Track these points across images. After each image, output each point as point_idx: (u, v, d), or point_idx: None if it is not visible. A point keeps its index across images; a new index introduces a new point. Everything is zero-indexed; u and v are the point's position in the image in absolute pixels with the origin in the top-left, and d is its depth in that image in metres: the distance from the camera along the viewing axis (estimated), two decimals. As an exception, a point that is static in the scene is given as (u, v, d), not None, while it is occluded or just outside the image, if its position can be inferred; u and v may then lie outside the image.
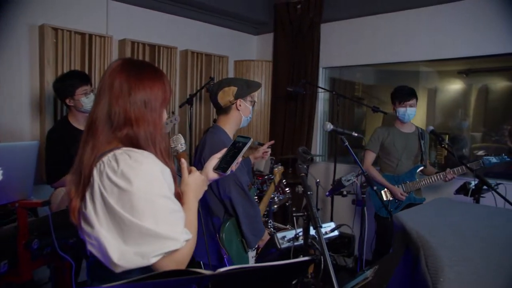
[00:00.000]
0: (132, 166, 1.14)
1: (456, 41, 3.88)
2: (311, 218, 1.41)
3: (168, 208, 1.17)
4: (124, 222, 1.11)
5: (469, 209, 1.89)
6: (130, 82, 1.23)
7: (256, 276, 1.12)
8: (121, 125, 1.22)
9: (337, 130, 2.76)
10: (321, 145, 5.13)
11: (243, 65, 5.22)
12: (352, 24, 4.64)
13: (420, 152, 3.49)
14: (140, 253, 1.10)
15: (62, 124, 2.91)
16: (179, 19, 4.62)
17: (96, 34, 3.72)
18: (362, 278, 1.42)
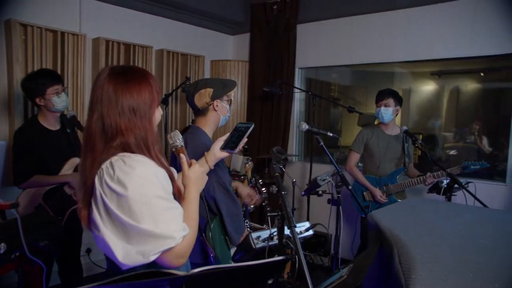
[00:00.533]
0: (126, 172, 1.21)
1: (429, 44, 3.96)
2: (285, 218, 1.41)
3: (164, 207, 1.23)
4: (124, 225, 1.19)
5: (441, 208, 1.92)
6: (116, 92, 1.27)
7: (231, 276, 1.11)
8: (114, 136, 1.27)
9: (312, 130, 2.77)
10: (297, 145, 5.15)
11: (219, 65, 5.19)
12: (328, 25, 4.68)
13: (403, 154, 3.51)
14: (141, 252, 1.18)
15: (31, 124, 2.82)
16: (155, 18, 4.56)
17: (69, 32, 3.64)
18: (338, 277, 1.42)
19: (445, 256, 1.16)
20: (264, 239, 2.31)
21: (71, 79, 3.70)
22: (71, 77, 3.69)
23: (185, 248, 1.27)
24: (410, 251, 1.18)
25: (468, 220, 1.63)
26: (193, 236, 1.32)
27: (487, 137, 4.75)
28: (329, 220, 3.40)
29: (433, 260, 1.12)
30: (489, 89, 5.17)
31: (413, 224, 1.53)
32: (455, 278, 1.01)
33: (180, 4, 4.53)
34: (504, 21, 3.54)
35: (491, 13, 3.60)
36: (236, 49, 5.57)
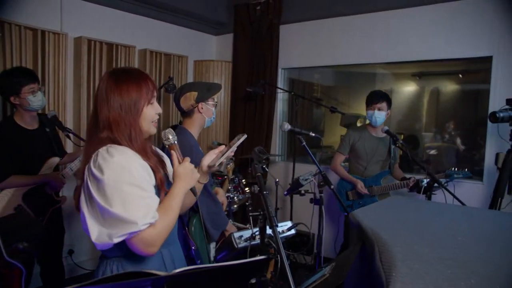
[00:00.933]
0: (105, 159, 1.35)
1: (409, 45, 4.03)
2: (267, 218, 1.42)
3: (135, 194, 1.33)
4: (100, 207, 1.32)
5: (421, 206, 1.96)
6: (107, 90, 1.45)
7: (213, 276, 1.11)
8: (103, 129, 1.44)
9: (295, 130, 2.79)
10: (280, 145, 5.17)
11: (202, 65, 5.18)
12: (311, 26, 4.71)
13: (389, 157, 3.55)
14: (109, 234, 1.30)
15: (7, 123, 2.79)
16: (138, 17, 4.52)
17: (50, 31, 3.58)
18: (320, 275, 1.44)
19: (425, 253, 1.18)
20: (246, 238, 2.32)
21: (52, 79, 3.65)
22: (52, 77, 3.64)
23: (153, 237, 1.34)
24: (391, 249, 1.20)
25: (446, 218, 1.67)
26: (165, 227, 1.39)
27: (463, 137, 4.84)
28: (312, 219, 3.43)
29: (413, 258, 1.14)
30: (467, 90, 5.27)
31: (394, 223, 1.56)
32: (434, 275, 1.03)
33: (164, 4, 4.50)
34: (481, 24, 3.63)
35: (469, 16, 3.69)
36: (220, 50, 5.56)
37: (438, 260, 1.12)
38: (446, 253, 1.19)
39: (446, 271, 1.05)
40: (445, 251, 1.20)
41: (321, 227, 2.96)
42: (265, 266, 2.09)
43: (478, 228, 1.51)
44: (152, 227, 1.34)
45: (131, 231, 1.30)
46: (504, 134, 3.13)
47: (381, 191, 3.48)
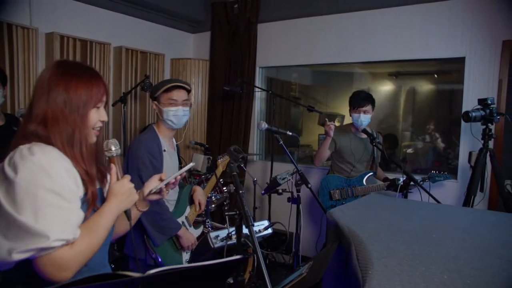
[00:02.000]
0: (23, 156, 1.12)
1: (385, 45, 4.08)
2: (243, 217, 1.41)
3: (51, 203, 1.11)
4: (5, 214, 1.07)
5: (397, 204, 1.98)
6: (51, 80, 1.25)
7: (188, 276, 1.09)
8: (35, 121, 1.23)
9: (272, 129, 2.78)
10: (258, 144, 5.17)
11: (179, 64, 5.13)
12: (289, 25, 4.72)
13: (373, 157, 3.57)
14: (8, 249, 1.05)
15: None
16: (114, 14, 4.43)
17: (18, 25, 3.45)
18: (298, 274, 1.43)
19: (400, 250, 1.19)
20: (222, 238, 2.31)
21: (22, 75, 3.53)
22: (22, 73, 3.52)
23: (68, 259, 1.12)
24: (367, 247, 1.21)
25: (422, 216, 1.69)
26: (85, 249, 1.17)
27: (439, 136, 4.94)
28: (290, 218, 3.43)
29: (388, 255, 1.15)
30: (442, 90, 5.38)
31: (371, 221, 1.57)
32: (409, 272, 1.04)
33: (140, 1, 4.43)
34: (454, 26, 3.71)
35: (443, 18, 3.76)
36: (197, 48, 5.52)
37: (413, 257, 1.13)
38: (421, 250, 1.20)
39: (420, 268, 1.06)
40: (420, 248, 1.21)
41: (299, 226, 2.96)
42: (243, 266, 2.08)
43: (452, 225, 1.53)
44: (69, 247, 1.12)
45: (39, 246, 1.06)
46: (477, 133, 3.20)
47: (364, 192, 3.47)
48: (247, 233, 1.43)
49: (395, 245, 1.24)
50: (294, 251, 3.30)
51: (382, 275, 1.02)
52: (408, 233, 1.40)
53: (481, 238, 1.35)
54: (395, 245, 1.25)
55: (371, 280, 1.00)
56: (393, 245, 1.24)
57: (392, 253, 1.17)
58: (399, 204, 2.01)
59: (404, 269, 1.05)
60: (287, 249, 4.29)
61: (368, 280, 1.01)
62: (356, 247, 1.24)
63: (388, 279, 1.00)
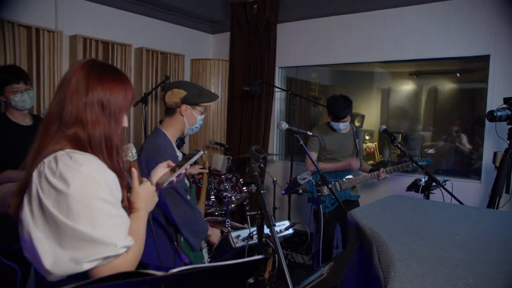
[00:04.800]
0: (70, 167, 1.09)
1: (406, 44, 4.02)
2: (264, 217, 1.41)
3: (107, 212, 1.11)
4: (59, 225, 1.06)
5: (419, 205, 1.95)
6: (88, 81, 1.18)
7: (210, 276, 1.10)
8: (70, 124, 1.17)
9: (292, 129, 2.77)
10: (278, 144, 5.17)
11: (199, 64, 5.16)
12: (308, 25, 4.70)
13: (356, 150, 3.63)
14: (74, 259, 1.05)
15: (0, 118, 2.76)
16: (134, 16, 4.50)
17: (44, 29, 3.55)
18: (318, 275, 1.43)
19: (422, 252, 1.18)
20: (243, 238, 2.30)
21: (47, 77, 3.61)
22: (47, 75, 3.61)
23: (129, 263, 1.14)
24: (388, 248, 1.20)
25: (444, 217, 1.66)
26: (138, 252, 1.20)
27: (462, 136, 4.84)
28: (310, 219, 3.42)
29: (410, 257, 1.13)
30: (465, 89, 5.28)
31: (392, 222, 1.55)
32: (432, 274, 1.03)
33: (160, 2, 4.48)
34: (478, 23, 3.63)
35: (466, 15, 3.68)
36: (216, 48, 5.55)
37: (436, 259, 1.12)
38: (444, 252, 1.18)
39: (444, 270, 1.04)
40: (443, 250, 1.20)
41: (319, 226, 2.95)
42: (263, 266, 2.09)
43: (477, 227, 1.50)
44: (125, 254, 1.13)
45: (107, 254, 1.07)
46: (502, 133, 3.12)
47: (352, 184, 3.58)
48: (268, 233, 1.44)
49: (417, 247, 1.23)
50: (314, 252, 3.29)
51: (405, 277, 1.01)
52: (430, 234, 1.38)
53: (507, 240, 1.32)
54: (417, 246, 1.23)
55: (393, 281, 1.00)
56: (415, 247, 1.23)
57: (414, 254, 1.16)
58: (421, 205, 1.98)
59: (427, 271, 1.04)
60: (307, 249, 4.28)
61: (390, 281, 1.00)
62: (378, 248, 1.23)
63: (411, 281, 0.99)
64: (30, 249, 1.08)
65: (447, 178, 3.23)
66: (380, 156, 5.52)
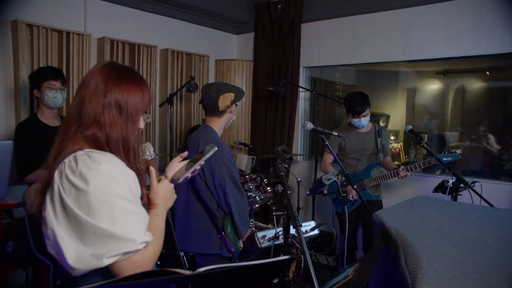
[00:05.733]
0: (90, 166, 1.12)
1: (433, 43, 3.95)
2: (291, 217, 1.41)
3: (126, 209, 1.14)
4: (81, 223, 1.09)
5: (446, 207, 1.92)
6: (107, 83, 1.21)
7: (236, 275, 1.11)
8: (88, 125, 1.21)
9: (317, 130, 2.75)
10: (302, 144, 5.15)
11: (223, 64, 5.20)
12: (332, 24, 4.67)
13: (377, 149, 3.57)
14: (95, 255, 1.08)
15: (31, 119, 2.91)
16: (159, 17, 4.57)
17: (74, 32, 3.65)
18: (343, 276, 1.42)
19: (451, 255, 1.16)
20: (269, 238, 2.31)
21: (76, 79, 3.71)
22: (76, 77, 3.70)
23: (148, 259, 1.17)
24: (416, 250, 1.18)
25: (473, 219, 1.62)
26: (157, 248, 1.22)
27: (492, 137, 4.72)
28: (334, 219, 3.40)
29: (438, 260, 1.11)
30: (495, 88, 5.14)
31: (419, 224, 1.53)
32: (461, 277, 1.01)
33: (185, 3, 4.53)
34: (509, 19, 3.52)
35: (496, 12, 3.58)
36: (241, 49, 5.57)
37: (466, 262, 1.09)
38: (474, 255, 1.16)
39: (474, 275, 1.02)
40: (473, 254, 1.17)
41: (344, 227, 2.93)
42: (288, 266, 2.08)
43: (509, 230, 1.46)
44: (144, 249, 1.15)
45: (127, 249, 1.10)
46: (534, 133, 3.03)
47: (371, 183, 3.52)
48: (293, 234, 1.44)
49: (446, 249, 1.20)
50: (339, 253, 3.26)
51: (433, 280, 0.99)
52: (459, 237, 1.36)
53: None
54: (445, 249, 1.21)
55: (421, 285, 0.98)
56: (443, 249, 1.21)
57: (442, 257, 1.14)
58: (448, 207, 1.94)
59: (456, 274, 1.02)
60: (331, 250, 4.25)
61: (417, 285, 0.99)
62: (404, 250, 1.22)
63: (439, 285, 0.97)
64: (54, 246, 1.12)
65: (476, 180, 3.16)
66: (405, 157, 5.44)
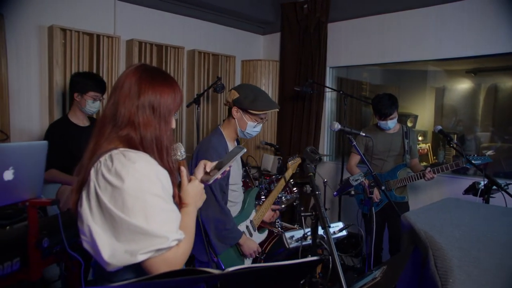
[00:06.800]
0: (124, 165, 1.16)
1: (463, 41, 3.85)
2: (319, 218, 1.41)
3: (159, 206, 1.16)
4: (115, 219, 1.12)
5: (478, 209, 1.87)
6: (140, 85, 1.25)
7: (265, 276, 1.12)
8: (123, 125, 1.24)
9: (345, 130, 2.72)
10: (328, 144, 5.12)
11: (250, 65, 5.22)
12: (359, 24, 4.63)
13: (404, 150, 3.52)
14: (129, 251, 1.11)
15: (62, 120, 3.02)
16: (186, 19, 4.63)
17: (104, 35, 3.75)
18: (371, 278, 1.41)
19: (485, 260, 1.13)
20: (297, 239, 2.30)
21: (105, 80, 3.79)
22: (106, 78, 3.79)
23: (180, 256, 1.19)
24: (446, 254, 1.16)
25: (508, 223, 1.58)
26: (188, 247, 1.24)
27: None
28: (361, 221, 3.37)
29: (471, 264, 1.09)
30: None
31: (449, 226, 1.50)
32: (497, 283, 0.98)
33: (211, 5, 4.58)
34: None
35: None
36: (267, 49, 5.58)
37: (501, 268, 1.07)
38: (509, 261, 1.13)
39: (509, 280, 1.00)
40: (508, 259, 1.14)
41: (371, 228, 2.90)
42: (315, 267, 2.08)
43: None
44: (177, 247, 1.18)
45: (160, 246, 1.13)
46: None
47: (397, 185, 3.48)
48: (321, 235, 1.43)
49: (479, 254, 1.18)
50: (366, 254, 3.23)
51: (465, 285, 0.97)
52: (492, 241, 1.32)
53: None
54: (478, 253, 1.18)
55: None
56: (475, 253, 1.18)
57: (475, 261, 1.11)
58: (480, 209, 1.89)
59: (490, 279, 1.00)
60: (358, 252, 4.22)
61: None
62: (434, 253, 1.20)
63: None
64: (90, 242, 1.16)
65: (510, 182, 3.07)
66: (433, 158, 5.34)
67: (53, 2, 3.57)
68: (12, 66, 3.35)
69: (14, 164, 1.76)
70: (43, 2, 3.52)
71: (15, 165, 1.77)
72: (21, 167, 1.80)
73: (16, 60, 3.40)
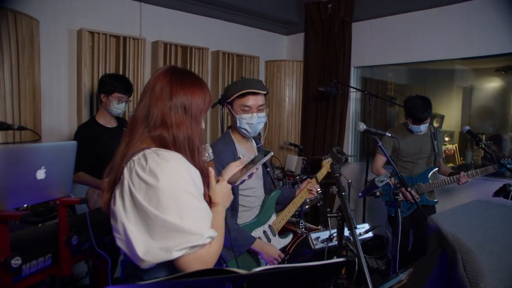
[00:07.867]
0: (159, 163, 1.18)
1: (491, 37, 3.75)
2: (346, 219, 1.40)
3: (193, 204, 1.18)
4: (150, 216, 1.14)
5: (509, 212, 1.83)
6: (172, 86, 1.27)
7: (290, 276, 1.12)
8: (156, 126, 1.26)
9: (370, 130, 2.69)
10: (353, 145, 5.08)
11: (273, 65, 5.22)
12: (384, 23, 4.57)
13: (433, 152, 3.45)
14: (164, 248, 1.13)
15: (90, 122, 3.09)
16: (210, 20, 4.67)
17: (130, 37, 3.82)
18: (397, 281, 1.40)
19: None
20: (323, 240, 2.28)
21: (132, 81, 3.86)
22: (132, 79, 3.85)
23: (213, 254, 1.21)
24: (476, 257, 1.14)
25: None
26: (220, 245, 1.26)
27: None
28: (386, 222, 3.33)
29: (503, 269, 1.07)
30: None
31: (478, 229, 1.47)
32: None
33: (235, 6, 4.60)
34: None
35: None
36: (291, 49, 5.57)
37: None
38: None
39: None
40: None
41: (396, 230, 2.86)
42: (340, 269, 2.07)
43: None
44: (209, 245, 1.19)
45: (195, 243, 1.14)
46: None
47: (429, 188, 3.40)
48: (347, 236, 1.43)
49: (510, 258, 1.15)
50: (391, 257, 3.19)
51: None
52: (524, 245, 1.29)
53: None
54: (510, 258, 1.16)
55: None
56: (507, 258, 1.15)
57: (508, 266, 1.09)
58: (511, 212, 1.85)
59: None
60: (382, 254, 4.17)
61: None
62: (463, 257, 1.17)
63: (504, 294, 0.93)
64: (124, 239, 1.18)
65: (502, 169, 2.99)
66: (461, 159, 5.22)
67: (82, 6, 3.67)
68: (44, 69, 3.45)
69: (46, 163, 1.81)
70: (73, 6, 3.62)
71: (47, 165, 1.82)
72: (52, 167, 1.85)
73: (48, 64, 3.50)
